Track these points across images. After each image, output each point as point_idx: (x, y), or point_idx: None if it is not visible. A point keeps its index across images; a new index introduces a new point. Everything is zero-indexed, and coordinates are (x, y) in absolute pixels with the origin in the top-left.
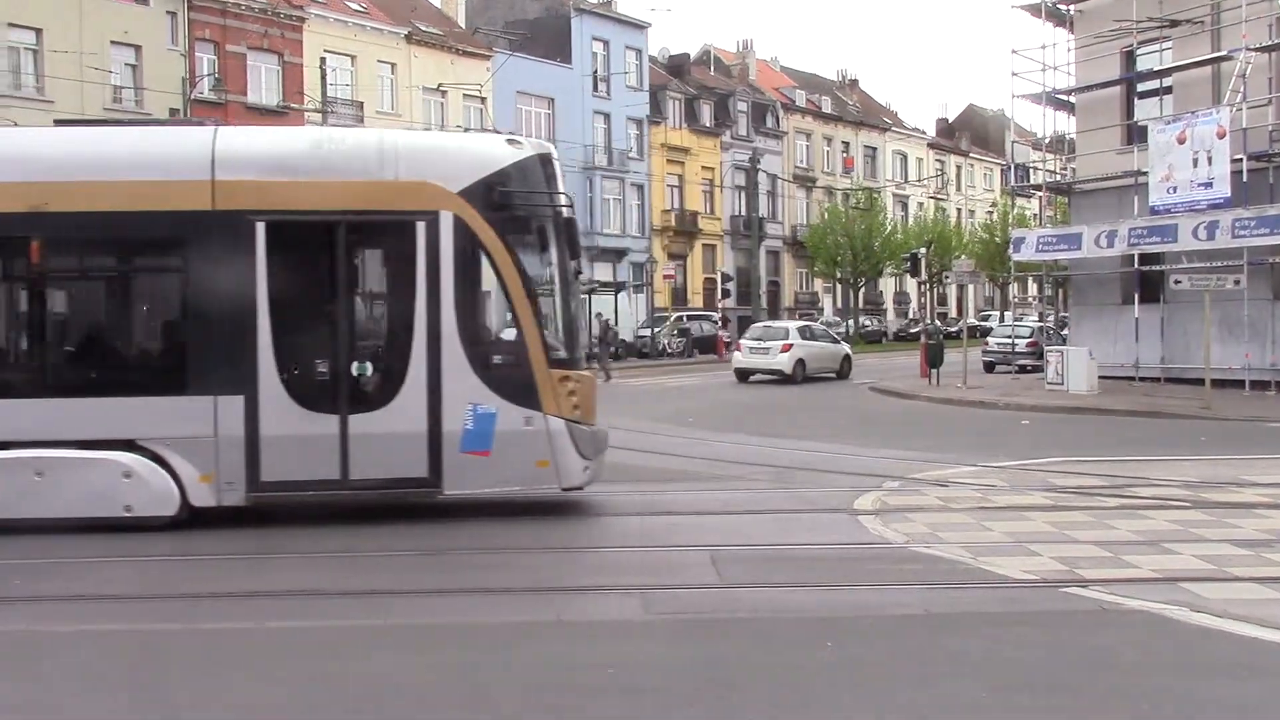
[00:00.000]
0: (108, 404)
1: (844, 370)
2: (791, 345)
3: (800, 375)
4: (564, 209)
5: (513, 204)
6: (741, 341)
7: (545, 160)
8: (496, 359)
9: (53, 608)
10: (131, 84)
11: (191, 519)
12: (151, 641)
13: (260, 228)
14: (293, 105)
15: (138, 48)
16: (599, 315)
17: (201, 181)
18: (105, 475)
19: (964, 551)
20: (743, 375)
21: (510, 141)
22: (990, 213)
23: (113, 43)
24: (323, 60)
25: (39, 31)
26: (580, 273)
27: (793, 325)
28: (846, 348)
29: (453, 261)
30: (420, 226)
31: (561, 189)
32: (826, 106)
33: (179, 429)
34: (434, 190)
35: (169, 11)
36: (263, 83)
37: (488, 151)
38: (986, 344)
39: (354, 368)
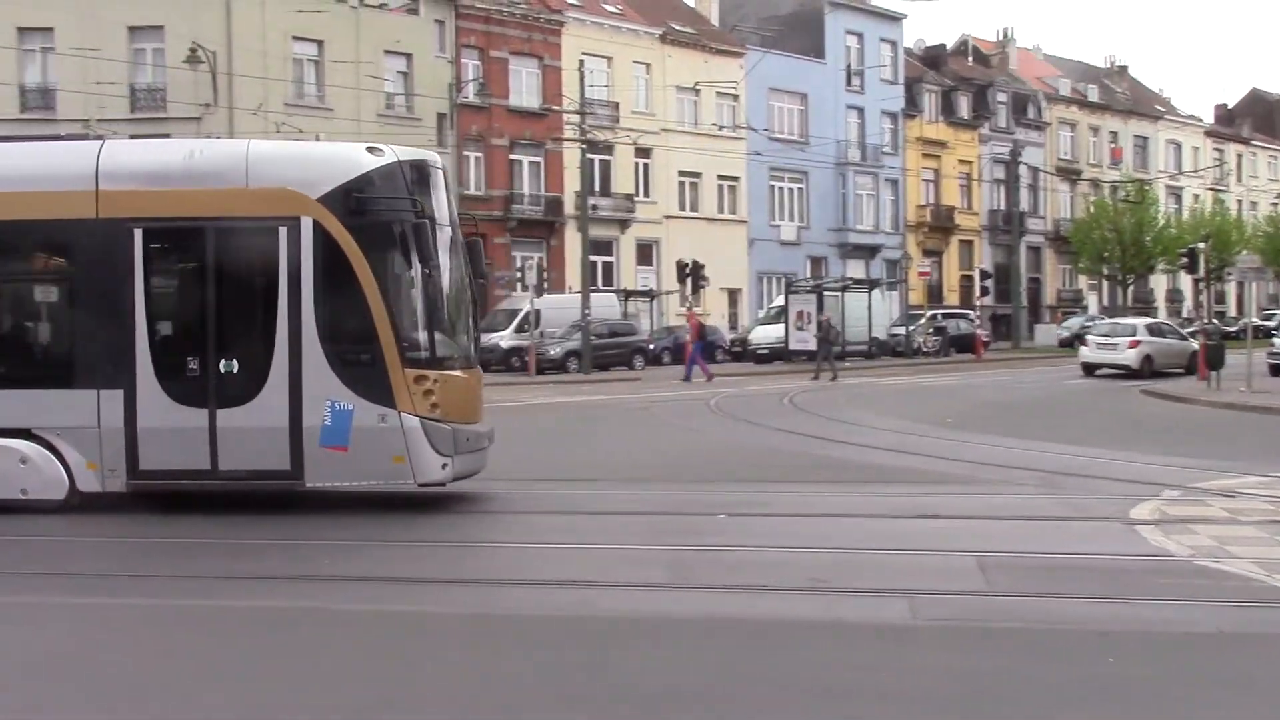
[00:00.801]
0: (6, 395)
1: (1192, 366)
2: (1139, 341)
3: (1147, 370)
4: (423, 216)
5: (370, 210)
6: (1089, 337)
7: (411, 167)
8: (353, 358)
9: None
10: (403, 90)
11: (81, 504)
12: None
13: (138, 234)
14: (553, 107)
15: (409, 56)
16: (824, 316)
17: (87, 192)
18: (3, 461)
19: (1256, 568)
20: (1089, 369)
21: (371, 150)
22: (1275, 204)
23: (386, 52)
24: (581, 62)
25: (321, 44)
26: (483, 278)
27: (1141, 322)
28: (1194, 344)
29: (312, 265)
30: (282, 231)
31: (438, 196)
32: (1093, 95)
33: (67, 419)
34: (294, 197)
35: (437, 20)
36: (524, 86)
37: (347, 158)
38: (1273, 345)
39: (221, 365)
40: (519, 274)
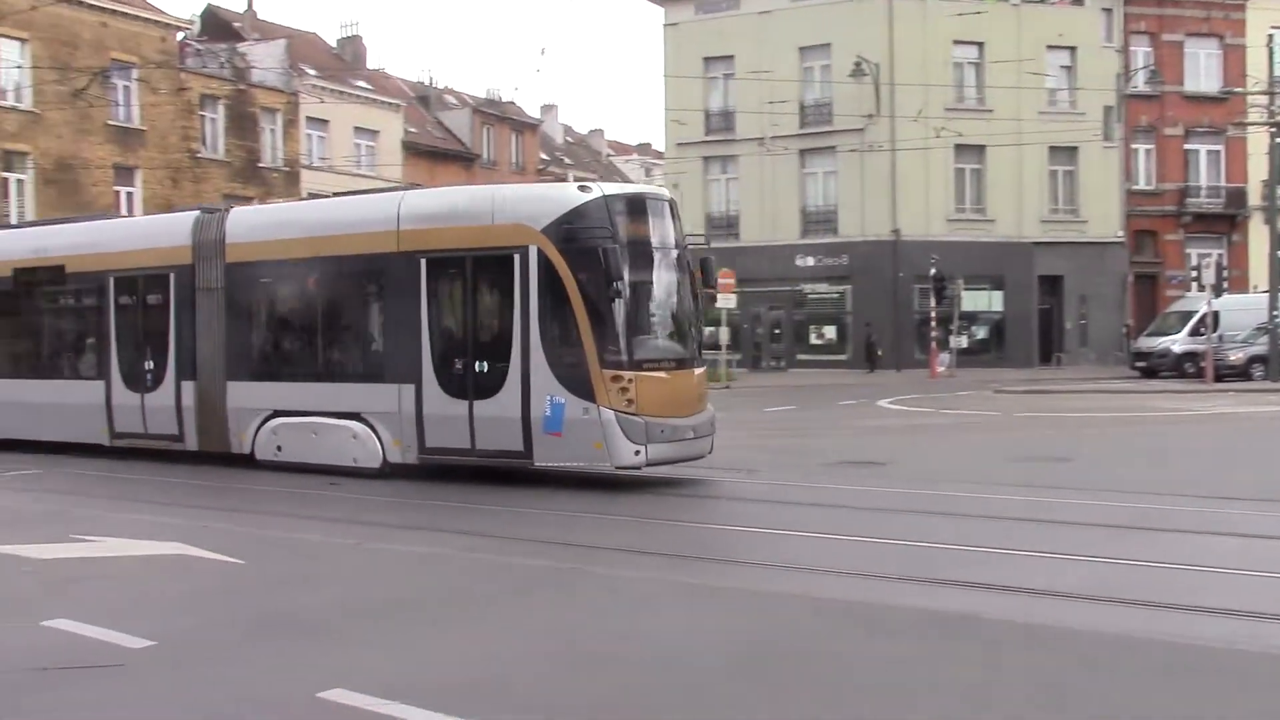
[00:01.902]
0: (346, 388)
1: None
2: None
3: None
4: (621, 241)
5: (578, 238)
6: None
7: (615, 200)
8: (564, 361)
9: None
10: (1066, 85)
11: (389, 472)
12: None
13: (423, 263)
14: (1235, 90)
15: (1072, 49)
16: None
17: (391, 231)
18: (345, 436)
19: None
20: None
21: (581, 188)
22: None
23: (1048, 47)
24: (1269, 38)
25: (981, 45)
26: (711, 289)
27: None
28: None
29: (536, 285)
30: (515, 258)
31: (645, 223)
32: None
33: (381, 406)
34: (525, 230)
35: (1104, 9)
36: (1200, 69)
37: (562, 196)
38: None
39: (476, 366)
40: (1194, 273)
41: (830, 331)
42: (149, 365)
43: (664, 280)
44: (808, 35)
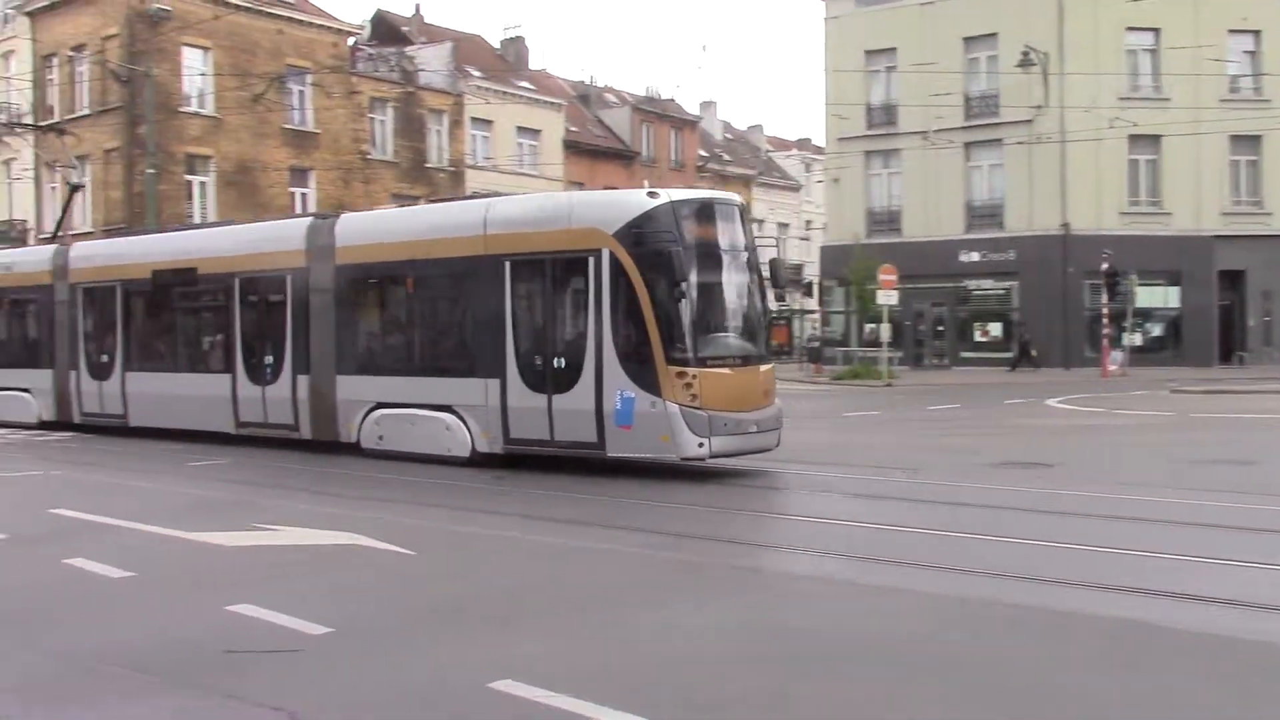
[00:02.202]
0: (440, 382)
1: None
2: None
3: None
4: (687, 244)
5: (646, 241)
6: None
7: (682, 205)
8: (633, 357)
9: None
10: (1249, 71)
11: (478, 461)
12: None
13: (507, 265)
14: None
15: (1256, 33)
16: None
17: (479, 236)
18: (439, 427)
19: None
20: None
21: (650, 194)
22: None
23: (1230, 31)
24: None
25: (1157, 32)
26: (780, 289)
27: None
28: None
29: (608, 285)
30: (590, 260)
31: (713, 226)
32: None
33: (470, 399)
34: (598, 234)
35: None
36: None
37: (632, 201)
38: None
39: (554, 362)
40: None
41: (995, 329)
42: (269, 360)
43: (729, 281)
44: (973, 25)
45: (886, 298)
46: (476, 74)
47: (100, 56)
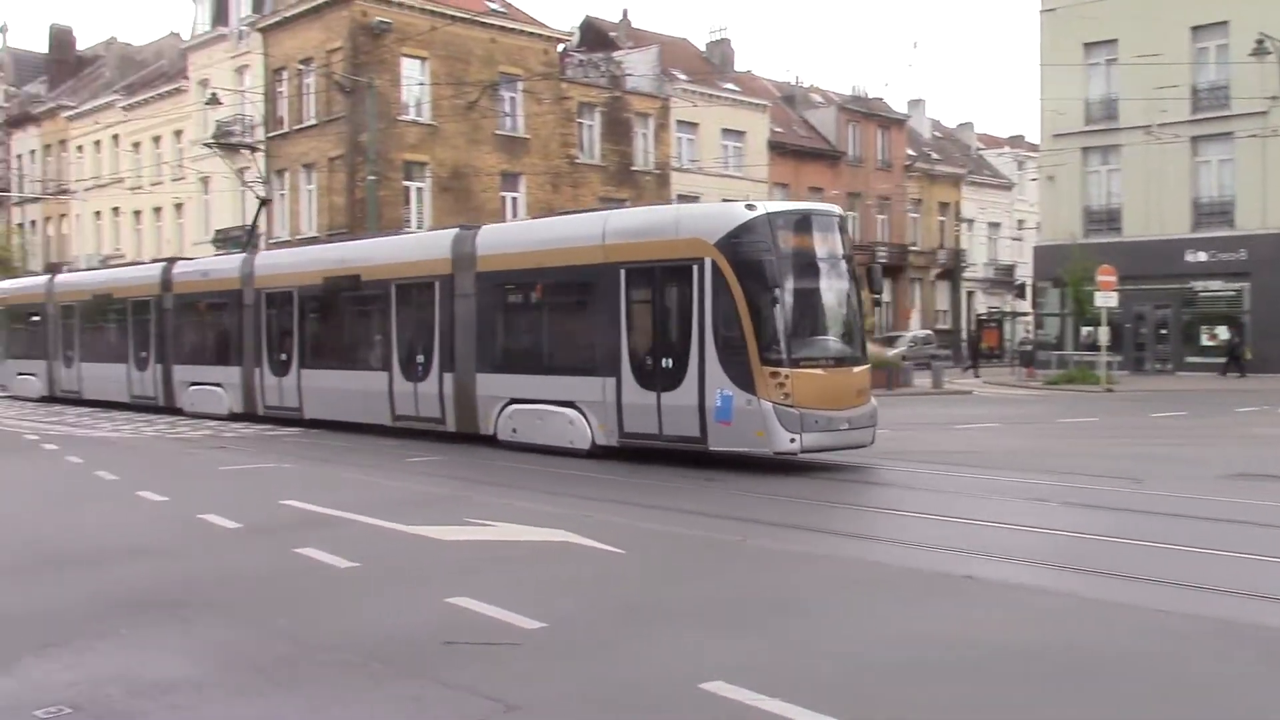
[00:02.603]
0: (565, 380)
1: None
2: None
3: None
4: (781, 254)
5: (743, 251)
6: None
7: (777, 217)
8: (731, 358)
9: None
10: None
11: (594, 453)
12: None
13: (623, 272)
14: None
15: None
16: None
17: (599, 245)
18: (564, 421)
19: None
20: None
21: (748, 206)
22: None
23: None
24: None
25: None
26: (877, 294)
27: None
28: None
29: (710, 291)
30: (694, 268)
31: (808, 236)
32: None
33: (590, 396)
34: (702, 243)
35: None
36: None
37: (732, 213)
38: None
39: (662, 361)
40: None
41: (1223, 332)
42: (420, 359)
43: (823, 287)
44: (1201, 14)
45: (1105, 299)
46: (682, 77)
47: (326, 69)
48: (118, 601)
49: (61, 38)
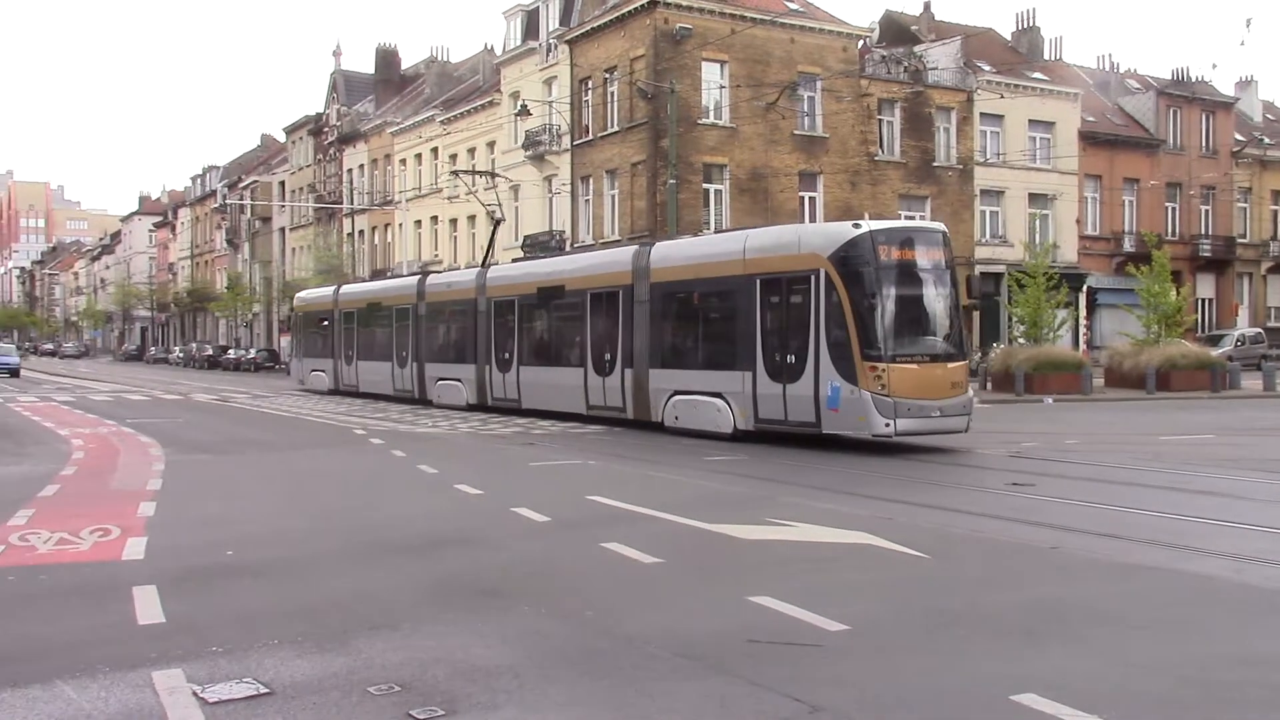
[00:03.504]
0: (713, 374)
1: None
2: None
3: None
4: (881, 266)
5: (850, 263)
6: None
7: (879, 234)
8: (839, 355)
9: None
10: None
11: (736, 437)
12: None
13: (758, 282)
14: None
15: None
16: None
17: (740, 259)
18: (713, 409)
19: None
20: None
21: (855, 225)
22: None
23: None
24: None
25: None
26: (973, 299)
27: None
28: None
29: (824, 297)
30: (812, 278)
31: (907, 250)
32: None
33: (732, 388)
34: (818, 257)
35: None
36: None
37: (842, 231)
38: None
39: (787, 358)
40: None
41: None
42: (606, 357)
43: (919, 294)
44: None
45: None
46: (987, 68)
47: (629, 76)
48: (440, 588)
49: (387, 58)
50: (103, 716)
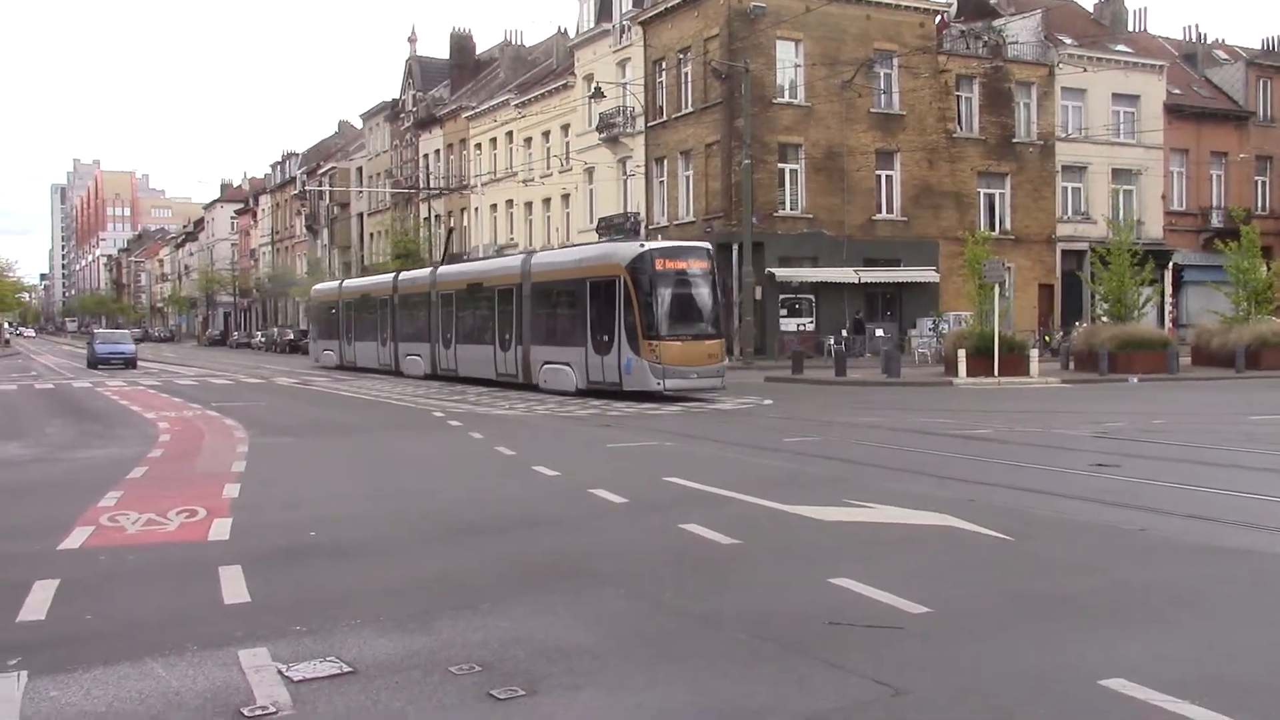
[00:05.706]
0: (564, 349)
1: None
2: None
3: None
4: (655, 272)
5: (637, 272)
6: None
7: (655, 252)
8: (632, 335)
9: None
10: None
11: (580, 392)
12: None
13: (588, 284)
14: None
15: None
16: None
17: (576, 266)
18: (566, 374)
19: None
20: None
21: (641, 246)
22: None
23: None
24: None
25: None
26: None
27: None
28: None
29: (622, 294)
30: (617, 281)
31: (676, 262)
32: None
33: (576, 360)
34: (619, 267)
35: None
36: None
37: (632, 249)
38: None
39: (603, 338)
40: None
41: None
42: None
43: (685, 293)
44: None
45: None
46: (1069, 41)
47: (703, 57)
48: (519, 568)
49: (462, 43)
50: (191, 694)
